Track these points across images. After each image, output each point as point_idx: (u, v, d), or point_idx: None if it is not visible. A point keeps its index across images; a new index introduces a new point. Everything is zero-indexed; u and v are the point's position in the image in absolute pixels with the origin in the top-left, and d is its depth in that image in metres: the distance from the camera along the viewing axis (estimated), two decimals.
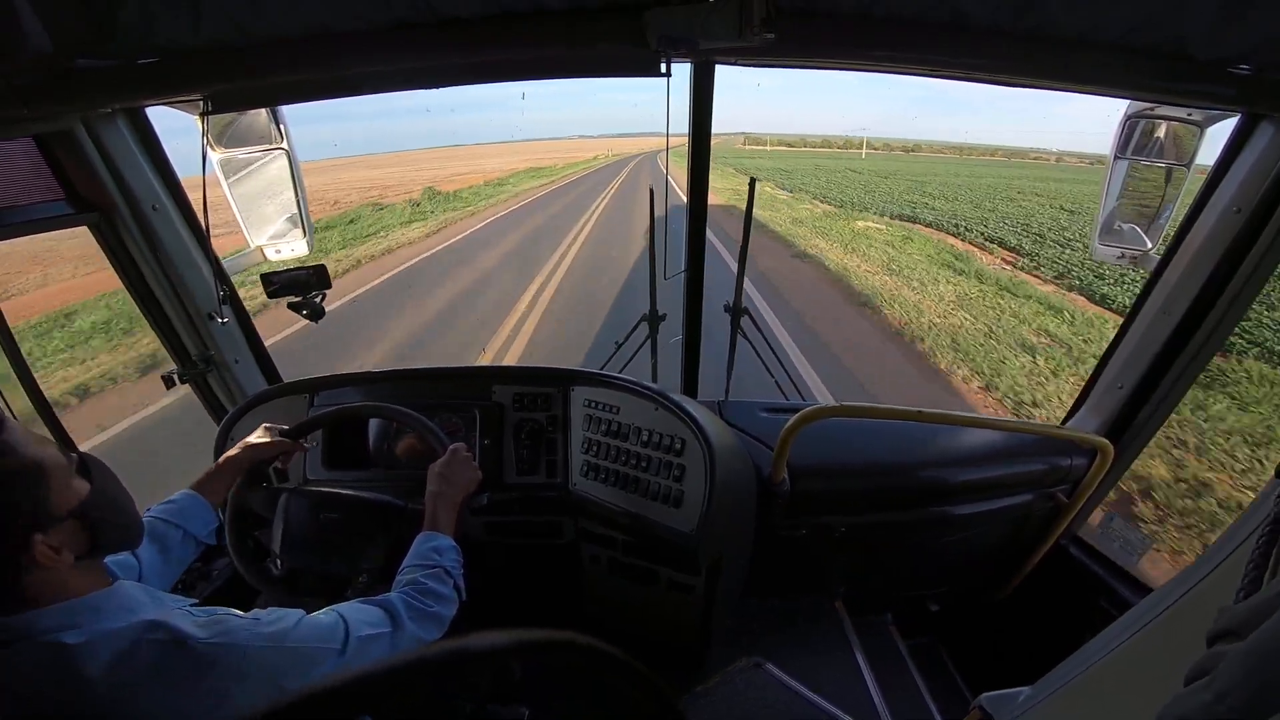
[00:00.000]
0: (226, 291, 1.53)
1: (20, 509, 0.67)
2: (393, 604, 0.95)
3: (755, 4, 0.92)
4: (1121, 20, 0.92)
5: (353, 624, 0.86)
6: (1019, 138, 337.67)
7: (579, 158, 66.13)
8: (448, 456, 1.21)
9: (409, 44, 1.03)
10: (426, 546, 1.07)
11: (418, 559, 1.05)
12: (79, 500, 0.73)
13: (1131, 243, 1.48)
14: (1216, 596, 0.63)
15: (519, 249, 13.26)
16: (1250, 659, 0.40)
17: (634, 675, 0.43)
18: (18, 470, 0.67)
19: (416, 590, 0.99)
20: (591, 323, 7.23)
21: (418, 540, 1.09)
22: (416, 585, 1.00)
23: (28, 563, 0.67)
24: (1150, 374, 1.47)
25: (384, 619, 0.92)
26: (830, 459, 1.63)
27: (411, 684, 0.35)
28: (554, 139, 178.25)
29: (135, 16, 0.92)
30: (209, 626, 0.74)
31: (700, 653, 1.66)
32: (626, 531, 1.47)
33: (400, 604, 0.95)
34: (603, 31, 1.01)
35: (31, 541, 0.67)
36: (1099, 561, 1.70)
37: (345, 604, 0.91)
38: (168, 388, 1.57)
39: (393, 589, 1.00)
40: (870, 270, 11.31)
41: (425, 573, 1.02)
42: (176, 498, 1.11)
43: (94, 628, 0.69)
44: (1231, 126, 1.20)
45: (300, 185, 1.60)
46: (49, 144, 1.25)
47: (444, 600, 1.01)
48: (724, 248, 9.92)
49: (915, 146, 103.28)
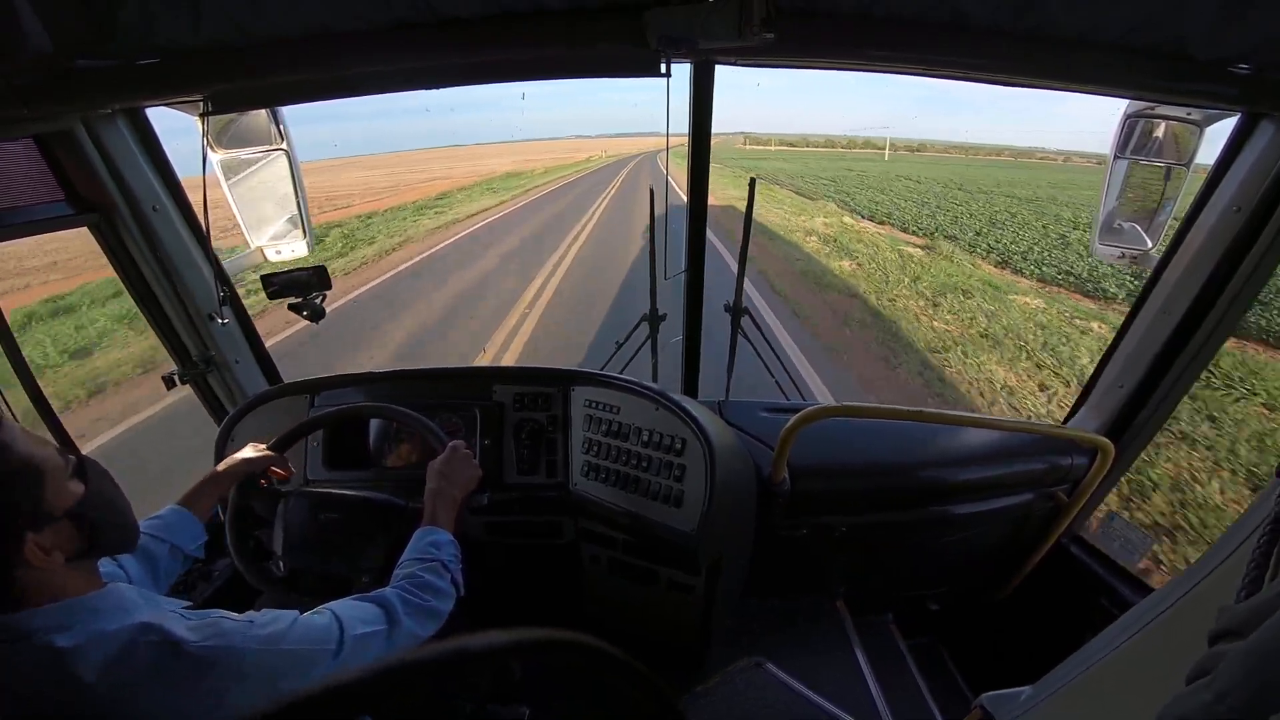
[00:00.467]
0: (227, 292, 1.53)
1: (15, 508, 0.67)
2: (388, 600, 0.94)
3: (755, 4, 0.92)
4: (1121, 20, 0.92)
5: (347, 623, 0.86)
6: (1018, 137, 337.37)
7: (572, 159, 60.89)
8: (447, 454, 1.21)
9: (409, 44, 1.03)
10: (424, 541, 1.07)
11: (415, 553, 1.05)
12: (74, 501, 0.73)
13: (1131, 242, 1.48)
14: (1217, 596, 0.63)
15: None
16: (1251, 659, 0.40)
17: (634, 675, 0.43)
18: (14, 469, 0.68)
19: (413, 584, 0.98)
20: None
21: (416, 535, 1.09)
22: (413, 579, 0.99)
23: (18, 561, 0.67)
24: (1151, 373, 1.47)
25: (379, 616, 0.91)
26: (831, 459, 1.62)
27: (411, 684, 0.35)
28: (551, 139, 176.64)
29: (135, 16, 0.92)
30: (202, 630, 0.74)
31: (700, 653, 1.66)
32: (627, 531, 1.47)
33: (396, 600, 0.94)
34: (603, 31, 1.01)
35: (24, 540, 0.67)
36: (1100, 561, 1.70)
37: (340, 602, 0.91)
38: (168, 388, 1.57)
39: (390, 584, 1.00)
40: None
41: (422, 566, 1.02)
42: (163, 513, 1.10)
43: (88, 629, 0.69)
44: (1231, 126, 1.20)
45: (300, 186, 1.60)
46: (49, 144, 1.25)
47: (440, 594, 1.00)
48: (728, 251, 9.46)
49: (920, 146, 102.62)
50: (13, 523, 0.67)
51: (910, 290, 9.31)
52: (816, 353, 6.38)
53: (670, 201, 1.65)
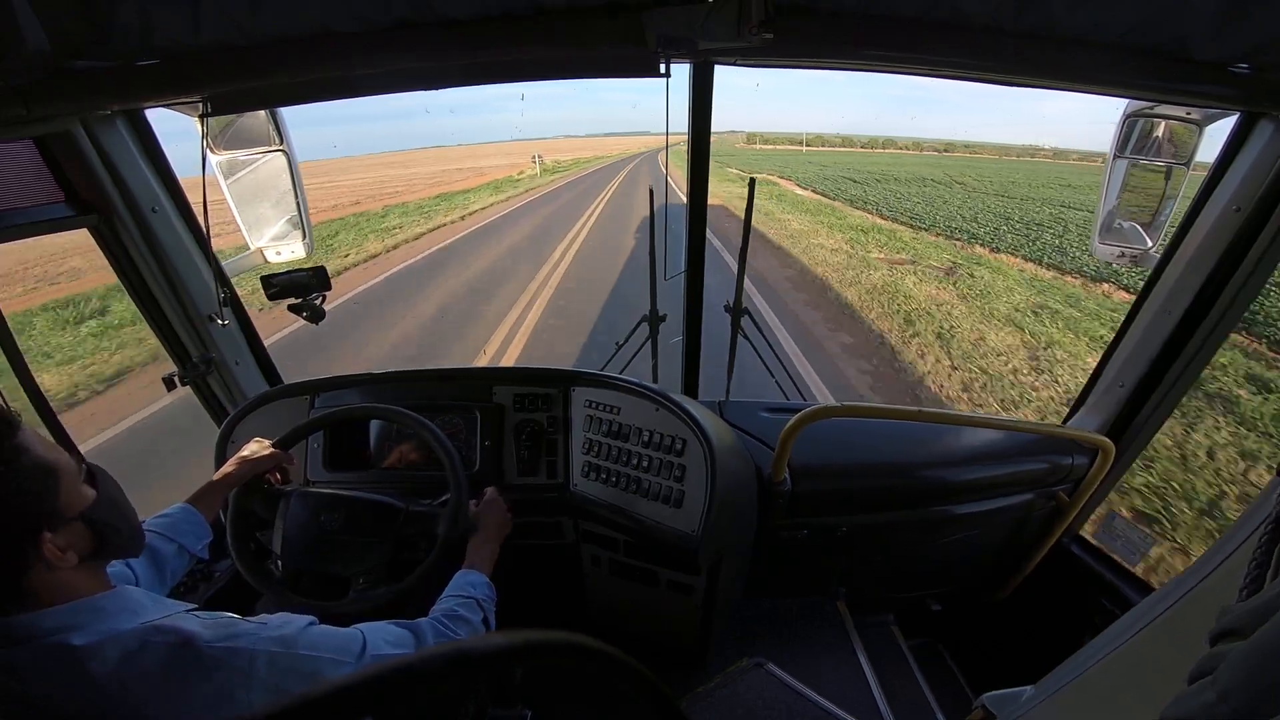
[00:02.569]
0: (227, 293, 1.53)
1: (34, 505, 0.68)
2: (421, 629, 0.98)
3: (754, 4, 0.92)
4: (1121, 20, 0.92)
5: (372, 640, 0.88)
6: (1018, 136, 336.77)
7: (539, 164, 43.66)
8: (484, 505, 1.33)
9: (409, 44, 1.03)
10: (463, 580, 1.15)
11: (454, 590, 1.12)
12: (87, 504, 0.75)
13: (1131, 241, 1.49)
14: (1219, 596, 0.63)
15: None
16: (1252, 659, 0.39)
17: (635, 676, 0.43)
18: (33, 468, 0.69)
19: (447, 616, 1.03)
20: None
21: (456, 576, 1.16)
22: (449, 613, 1.04)
23: (36, 560, 0.68)
24: (1151, 373, 1.47)
25: (407, 639, 0.94)
26: (831, 459, 1.62)
27: (413, 685, 0.35)
28: (541, 139, 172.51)
29: (134, 17, 0.92)
30: (215, 629, 0.75)
31: (701, 653, 1.66)
32: (627, 532, 1.47)
33: (429, 629, 0.98)
34: (602, 32, 1.00)
35: (41, 539, 0.68)
36: (1101, 561, 1.70)
37: (373, 623, 0.93)
38: (168, 389, 1.57)
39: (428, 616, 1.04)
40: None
41: (458, 601, 1.08)
42: (171, 511, 1.12)
43: (100, 629, 0.70)
44: (1231, 125, 1.20)
45: (300, 187, 1.60)
46: (49, 146, 1.25)
47: (472, 627, 1.05)
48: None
49: (948, 146, 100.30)
50: (32, 521, 0.68)
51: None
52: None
53: (670, 201, 1.65)
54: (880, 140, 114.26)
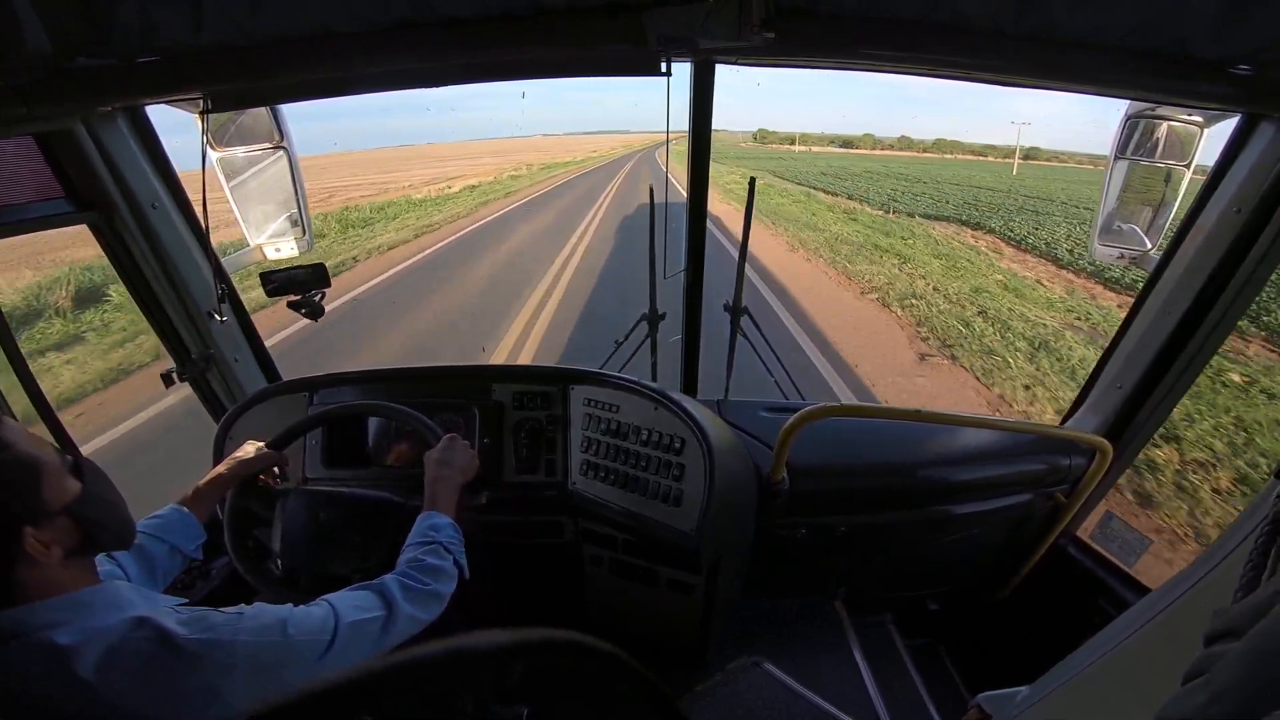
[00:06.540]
0: (226, 290, 1.53)
1: (14, 501, 0.68)
2: (386, 586, 0.94)
3: (755, 4, 0.92)
4: (1122, 21, 0.92)
5: (342, 611, 0.86)
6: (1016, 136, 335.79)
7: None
8: (444, 443, 1.23)
9: (409, 44, 1.03)
10: (424, 525, 1.09)
11: (415, 538, 1.06)
12: (71, 497, 0.74)
13: (1131, 243, 1.48)
14: (1215, 597, 0.63)
15: None
16: (1247, 659, 0.40)
17: (634, 675, 0.43)
18: (12, 463, 0.69)
19: (412, 568, 0.99)
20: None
21: (417, 521, 1.10)
22: (413, 563, 1.00)
23: (18, 555, 0.68)
24: (1150, 374, 1.47)
25: (376, 602, 0.91)
26: (830, 459, 1.62)
27: (411, 683, 0.35)
28: (526, 136, 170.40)
29: (134, 17, 0.92)
30: (192, 624, 0.74)
31: (700, 652, 1.66)
32: (626, 531, 1.47)
33: (394, 585, 0.95)
34: (603, 31, 1.00)
35: (23, 534, 0.68)
36: (1098, 561, 1.70)
37: (338, 592, 0.91)
38: (166, 386, 1.57)
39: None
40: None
41: (422, 550, 1.03)
42: (163, 513, 1.11)
43: (84, 625, 0.69)
44: (1232, 127, 1.20)
45: (300, 184, 1.59)
46: (49, 143, 1.25)
47: (441, 575, 1.01)
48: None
49: (910, 144, 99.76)
50: (12, 517, 0.68)
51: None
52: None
53: (670, 199, 1.65)
54: (860, 138, 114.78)
